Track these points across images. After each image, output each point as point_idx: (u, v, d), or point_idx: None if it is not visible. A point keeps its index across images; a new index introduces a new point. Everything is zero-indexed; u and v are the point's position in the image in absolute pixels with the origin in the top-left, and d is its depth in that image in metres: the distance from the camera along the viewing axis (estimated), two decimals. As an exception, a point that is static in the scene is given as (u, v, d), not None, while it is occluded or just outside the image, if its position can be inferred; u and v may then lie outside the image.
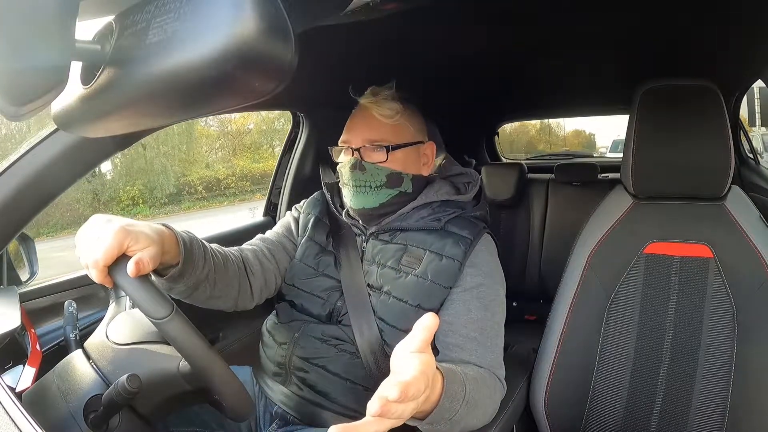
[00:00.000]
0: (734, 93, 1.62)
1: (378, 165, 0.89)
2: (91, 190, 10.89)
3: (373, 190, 0.89)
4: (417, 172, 0.93)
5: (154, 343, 0.66)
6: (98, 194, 10.82)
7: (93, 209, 10.40)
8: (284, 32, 0.32)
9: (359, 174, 0.89)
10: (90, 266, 0.60)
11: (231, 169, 12.34)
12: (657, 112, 0.96)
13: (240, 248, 0.94)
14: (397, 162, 0.89)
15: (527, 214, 1.98)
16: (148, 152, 11.33)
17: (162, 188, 11.32)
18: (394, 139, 0.89)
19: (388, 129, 0.90)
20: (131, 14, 0.38)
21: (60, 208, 9.77)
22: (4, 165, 0.64)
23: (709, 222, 0.94)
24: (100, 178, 10.90)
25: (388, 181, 0.89)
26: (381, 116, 0.90)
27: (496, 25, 1.02)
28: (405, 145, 0.90)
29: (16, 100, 0.35)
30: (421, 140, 0.94)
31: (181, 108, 0.38)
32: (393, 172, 0.89)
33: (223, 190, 12.13)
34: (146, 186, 11.19)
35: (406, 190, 0.91)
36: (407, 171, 0.91)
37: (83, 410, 0.60)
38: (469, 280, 0.85)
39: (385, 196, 0.90)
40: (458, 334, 0.81)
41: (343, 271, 0.91)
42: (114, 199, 10.90)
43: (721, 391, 0.88)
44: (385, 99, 0.91)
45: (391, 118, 0.90)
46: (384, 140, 0.89)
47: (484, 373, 0.79)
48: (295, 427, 0.87)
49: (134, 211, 10.77)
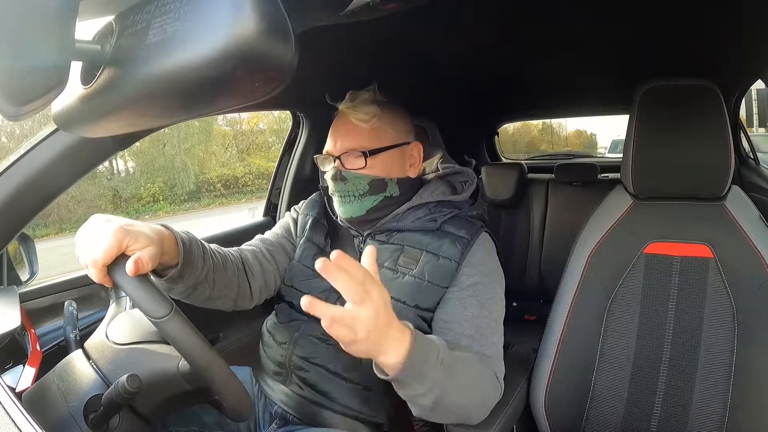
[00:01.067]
0: (734, 93, 1.62)
1: (358, 173, 0.88)
2: (112, 188, 11.22)
3: (357, 199, 0.89)
4: (402, 174, 0.92)
5: (154, 342, 0.66)
6: (119, 191, 11.10)
7: (114, 206, 10.78)
8: (284, 32, 0.32)
9: (341, 184, 0.89)
10: (89, 265, 0.60)
11: (248, 168, 12.76)
12: (657, 112, 0.96)
13: (239, 249, 0.94)
14: (379, 167, 0.88)
15: (527, 214, 1.98)
16: (168, 150, 11.60)
17: (182, 186, 11.64)
18: (372, 143, 0.88)
19: (365, 134, 0.88)
20: (131, 14, 0.38)
21: (83, 204, 10.12)
22: (4, 165, 0.64)
23: (709, 222, 0.94)
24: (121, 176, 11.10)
25: (371, 188, 0.88)
26: (358, 121, 0.88)
27: (496, 25, 1.02)
28: (385, 149, 0.89)
29: (16, 100, 0.35)
30: (405, 141, 0.92)
31: (181, 108, 0.38)
32: (375, 178, 0.88)
33: (240, 188, 12.48)
34: (166, 183, 11.49)
35: (392, 194, 0.90)
36: (391, 175, 0.90)
37: (83, 410, 0.60)
38: (465, 279, 0.85)
39: (371, 203, 0.89)
40: (454, 332, 0.81)
41: None
42: (135, 195, 11.18)
43: (721, 391, 0.87)
44: (363, 103, 0.89)
45: (367, 123, 0.88)
46: (361, 146, 0.88)
47: (475, 358, 0.78)
48: (295, 427, 0.87)
49: (155, 208, 11.06)
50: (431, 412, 0.72)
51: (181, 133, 11.74)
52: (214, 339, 1.28)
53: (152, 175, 11.44)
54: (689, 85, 0.95)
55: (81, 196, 10.27)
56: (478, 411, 0.77)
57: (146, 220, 4.57)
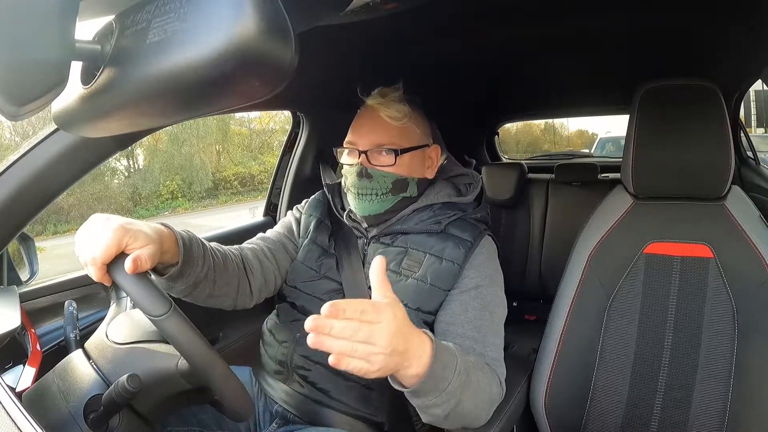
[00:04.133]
0: (734, 93, 1.62)
1: (385, 171, 0.87)
2: (131, 185, 11.46)
3: (379, 198, 0.88)
4: (422, 175, 0.92)
5: (154, 342, 0.66)
6: (138, 188, 11.35)
7: (133, 202, 11.04)
8: (284, 32, 0.32)
9: (366, 182, 0.88)
10: (88, 264, 0.60)
11: (263, 166, 13.15)
12: (657, 112, 0.96)
13: (240, 247, 0.94)
14: (404, 166, 0.88)
15: (527, 214, 1.98)
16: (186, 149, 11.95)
17: (201, 183, 11.96)
18: (403, 142, 0.88)
19: (396, 132, 0.88)
20: (131, 14, 0.38)
21: (102, 201, 10.32)
22: (4, 165, 0.64)
23: (710, 222, 0.94)
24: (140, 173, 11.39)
25: (394, 187, 0.88)
26: (389, 118, 0.88)
27: (496, 24, 1.02)
28: (413, 149, 0.89)
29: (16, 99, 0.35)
30: (426, 143, 0.93)
31: (182, 108, 0.38)
32: (399, 178, 0.88)
33: (256, 185, 12.81)
34: (184, 181, 11.78)
35: (411, 195, 0.91)
36: (413, 175, 0.90)
37: (83, 410, 0.60)
38: (467, 282, 0.85)
39: (391, 203, 0.89)
40: (455, 333, 0.81)
41: (345, 274, 0.91)
42: (154, 193, 11.45)
43: (721, 391, 0.87)
44: (394, 101, 0.89)
45: (399, 121, 0.88)
46: (392, 143, 0.87)
47: (482, 362, 0.78)
48: (296, 426, 0.87)
49: (174, 204, 11.36)
50: (444, 420, 0.71)
51: (199, 132, 12.12)
52: (214, 339, 1.28)
53: (171, 172, 11.75)
54: (689, 85, 0.95)
55: (101, 194, 10.45)
56: (482, 415, 0.77)
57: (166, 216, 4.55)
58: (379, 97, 0.90)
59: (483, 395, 0.74)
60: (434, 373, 0.62)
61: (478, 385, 0.72)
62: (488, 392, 0.76)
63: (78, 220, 9.75)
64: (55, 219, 9.41)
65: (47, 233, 9.08)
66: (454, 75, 1.46)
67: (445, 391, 0.64)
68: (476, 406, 0.72)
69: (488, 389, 0.76)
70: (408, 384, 0.63)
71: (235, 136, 13.77)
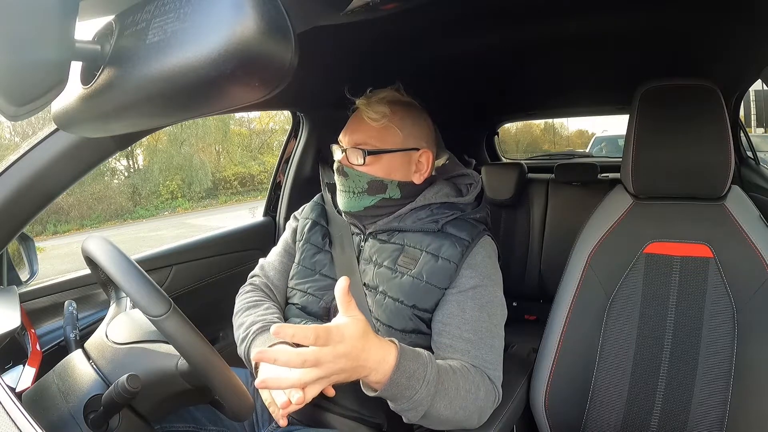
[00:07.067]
0: (734, 93, 1.62)
1: (359, 170, 0.88)
2: (131, 185, 11.50)
3: (356, 196, 0.89)
4: (405, 179, 0.90)
5: (154, 342, 0.66)
6: (138, 188, 11.41)
7: (133, 202, 11.09)
8: (284, 32, 0.32)
9: (343, 179, 0.90)
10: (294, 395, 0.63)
11: (263, 166, 13.22)
12: (657, 112, 0.96)
13: (273, 285, 0.98)
14: (380, 168, 0.88)
15: (527, 214, 1.98)
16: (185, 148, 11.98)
17: (200, 183, 12.01)
18: (378, 143, 0.88)
19: (374, 133, 0.88)
20: (131, 14, 0.38)
21: (103, 201, 10.39)
22: (4, 165, 0.64)
23: (709, 222, 0.94)
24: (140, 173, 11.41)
25: (370, 188, 0.88)
26: (368, 119, 0.88)
27: (496, 24, 1.02)
28: (387, 151, 0.88)
29: (16, 99, 0.35)
30: (413, 147, 0.91)
31: (181, 108, 0.38)
32: (375, 179, 0.88)
33: (256, 185, 12.89)
34: (184, 181, 11.84)
35: (392, 197, 0.90)
36: (392, 177, 0.89)
37: (83, 410, 0.60)
38: (464, 282, 0.84)
39: (369, 202, 0.90)
40: (452, 334, 0.81)
41: (339, 271, 0.91)
42: (154, 192, 11.51)
43: (721, 390, 0.87)
44: (377, 101, 0.89)
45: (377, 122, 0.88)
46: (367, 144, 0.88)
47: (471, 369, 0.78)
48: (295, 427, 0.87)
49: (173, 204, 11.42)
50: (426, 422, 0.74)
51: (199, 132, 12.16)
52: (214, 339, 1.28)
53: (170, 172, 11.82)
54: (689, 85, 0.95)
55: (100, 194, 10.51)
56: (470, 420, 0.77)
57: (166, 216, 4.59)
58: (365, 97, 0.90)
59: (462, 402, 0.74)
60: (397, 382, 0.66)
61: (456, 393, 0.73)
62: (472, 398, 0.75)
63: (78, 220, 9.79)
64: (55, 219, 9.44)
65: (47, 233, 9.11)
66: (454, 75, 1.46)
67: (411, 399, 0.68)
68: (455, 412, 0.74)
69: (472, 395, 0.75)
70: (373, 389, 0.68)
71: (235, 136, 13.82)
